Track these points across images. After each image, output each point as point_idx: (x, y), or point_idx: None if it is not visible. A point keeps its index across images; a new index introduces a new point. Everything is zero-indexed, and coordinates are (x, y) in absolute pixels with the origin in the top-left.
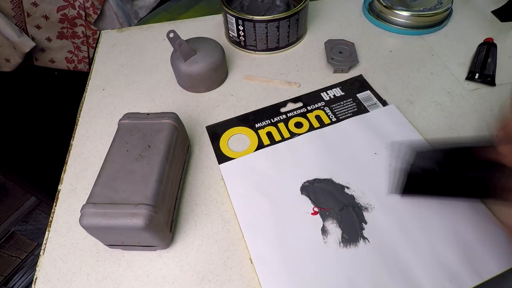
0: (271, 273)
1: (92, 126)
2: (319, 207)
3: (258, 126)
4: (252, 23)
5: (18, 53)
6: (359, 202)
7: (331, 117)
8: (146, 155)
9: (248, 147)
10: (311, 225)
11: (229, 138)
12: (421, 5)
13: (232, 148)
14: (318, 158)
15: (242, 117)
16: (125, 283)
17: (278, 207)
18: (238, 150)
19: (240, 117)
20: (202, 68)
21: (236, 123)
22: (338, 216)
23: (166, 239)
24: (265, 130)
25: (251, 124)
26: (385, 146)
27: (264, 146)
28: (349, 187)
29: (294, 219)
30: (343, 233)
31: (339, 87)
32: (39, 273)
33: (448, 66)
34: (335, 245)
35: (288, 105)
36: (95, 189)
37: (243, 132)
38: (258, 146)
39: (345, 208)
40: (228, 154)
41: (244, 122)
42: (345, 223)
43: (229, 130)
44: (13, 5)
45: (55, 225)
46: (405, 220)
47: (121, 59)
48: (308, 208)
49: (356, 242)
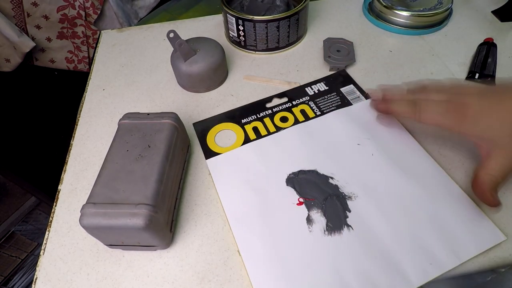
0: (258, 264)
1: (92, 126)
2: (304, 197)
3: (245, 122)
4: (252, 23)
5: (18, 53)
6: (343, 191)
7: (316, 111)
8: (146, 155)
9: (234, 142)
10: (296, 215)
11: (216, 134)
12: (421, 5)
13: (219, 144)
14: (303, 150)
15: (229, 113)
16: (125, 283)
17: (264, 199)
18: (225, 146)
19: (227, 113)
20: (202, 68)
21: (223, 119)
22: (323, 205)
23: (166, 239)
24: (251, 125)
25: (238, 120)
26: (368, 137)
27: (250, 140)
28: (333, 177)
29: (280, 210)
30: (328, 221)
31: (323, 82)
32: (39, 273)
33: (448, 66)
34: (320, 233)
35: (273, 100)
36: (95, 189)
37: (230, 127)
38: (245, 141)
39: (330, 197)
40: (215, 150)
41: (231, 118)
42: (330, 212)
43: (216, 126)
44: (13, 5)
45: (55, 225)
46: (386, 206)
47: (121, 59)
48: (294, 199)
49: (340, 229)
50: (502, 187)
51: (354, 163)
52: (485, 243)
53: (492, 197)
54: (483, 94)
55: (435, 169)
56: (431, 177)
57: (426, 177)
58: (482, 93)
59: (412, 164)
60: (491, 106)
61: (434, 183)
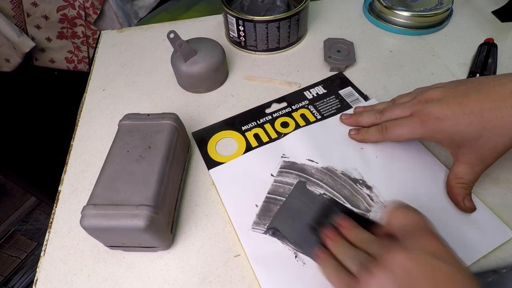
0: (269, 272)
1: (92, 126)
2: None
3: (245, 129)
4: (253, 24)
5: (18, 53)
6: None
7: (316, 115)
8: (146, 156)
9: (236, 150)
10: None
11: (217, 142)
12: (421, 5)
13: (220, 153)
14: (306, 155)
15: (228, 120)
16: (126, 284)
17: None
18: (227, 154)
19: (226, 121)
20: (203, 69)
21: (223, 127)
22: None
23: (167, 240)
24: (252, 132)
25: (238, 127)
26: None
27: (252, 148)
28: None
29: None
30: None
31: (321, 85)
32: (40, 274)
33: (449, 66)
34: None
35: (272, 105)
36: (95, 190)
37: (230, 135)
38: (247, 149)
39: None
40: (216, 159)
41: (231, 126)
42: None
43: (216, 134)
44: (13, 5)
45: (56, 226)
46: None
47: (121, 60)
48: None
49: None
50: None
51: (359, 165)
52: (495, 241)
53: (464, 205)
54: (444, 100)
55: (440, 169)
56: (436, 177)
57: (431, 177)
58: (444, 99)
59: (417, 164)
60: (453, 111)
61: (439, 183)
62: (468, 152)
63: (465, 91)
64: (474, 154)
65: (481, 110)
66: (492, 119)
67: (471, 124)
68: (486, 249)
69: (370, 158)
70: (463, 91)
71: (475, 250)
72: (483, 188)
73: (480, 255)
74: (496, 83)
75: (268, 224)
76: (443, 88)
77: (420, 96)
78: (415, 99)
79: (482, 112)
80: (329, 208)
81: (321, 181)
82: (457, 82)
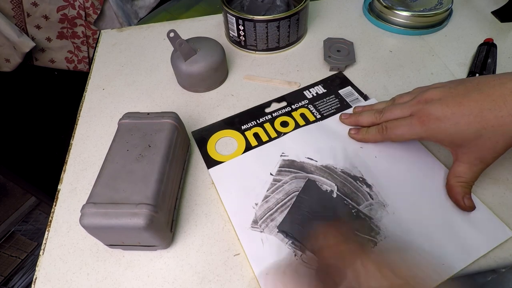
0: (268, 272)
1: (92, 125)
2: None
3: (245, 128)
4: (253, 23)
5: (18, 53)
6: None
7: (316, 114)
8: (146, 155)
9: (236, 149)
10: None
11: (216, 141)
12: (421, 5)
13: (220, 152)
14: (306, 154)
15: (228, 120)
16: (125, 283)
17: (272, 207)
18: (227, 153)
19: (226, 120)
20: (203, 68)
21: (222, 127)
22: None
23: (166, 239)
24: (252, 131)
25: (237, 126)
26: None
27: (252, 147)
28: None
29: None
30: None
31: (321, 85)
32: (39, 273)
33: (448, 66)
34: None
35: (272, 105)
36: (95, 189)
37: (230, 135)
38: (246, 148)
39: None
40: (216, 158)
41: (230, 125)
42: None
43: (215, 134)
44: (13, 5)
45: (55, 225)
46: (394, 209)
47: (121, 59)
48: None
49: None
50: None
51: (358, 165)
52: (494, 240)
53: (464, 204)
54: (444, 100)
55: (439, 168)
56: (436, 177)
57: (431, 177)
58: (443, 99)
59: (416, 164)
60: (453, 111)
61: (439, 182)
62: (467, 151)
63: (464, 91)
64: (474, 154)
65: (481, 110)
66: (492, 119)
67: (471, 124)
68: (485, 249)
69: (370, 158)
70: (462, 91)
71: (475, 249)
72: (483, 187)
73: (480, 255)
74: (496, 82)
75: (278, 226)
76: (442, 88)
77: (419, 96)
78: (415, 99)
79: (481, 112)
80: (339, 203)
81: (321, 178)
82: (456, 81)
